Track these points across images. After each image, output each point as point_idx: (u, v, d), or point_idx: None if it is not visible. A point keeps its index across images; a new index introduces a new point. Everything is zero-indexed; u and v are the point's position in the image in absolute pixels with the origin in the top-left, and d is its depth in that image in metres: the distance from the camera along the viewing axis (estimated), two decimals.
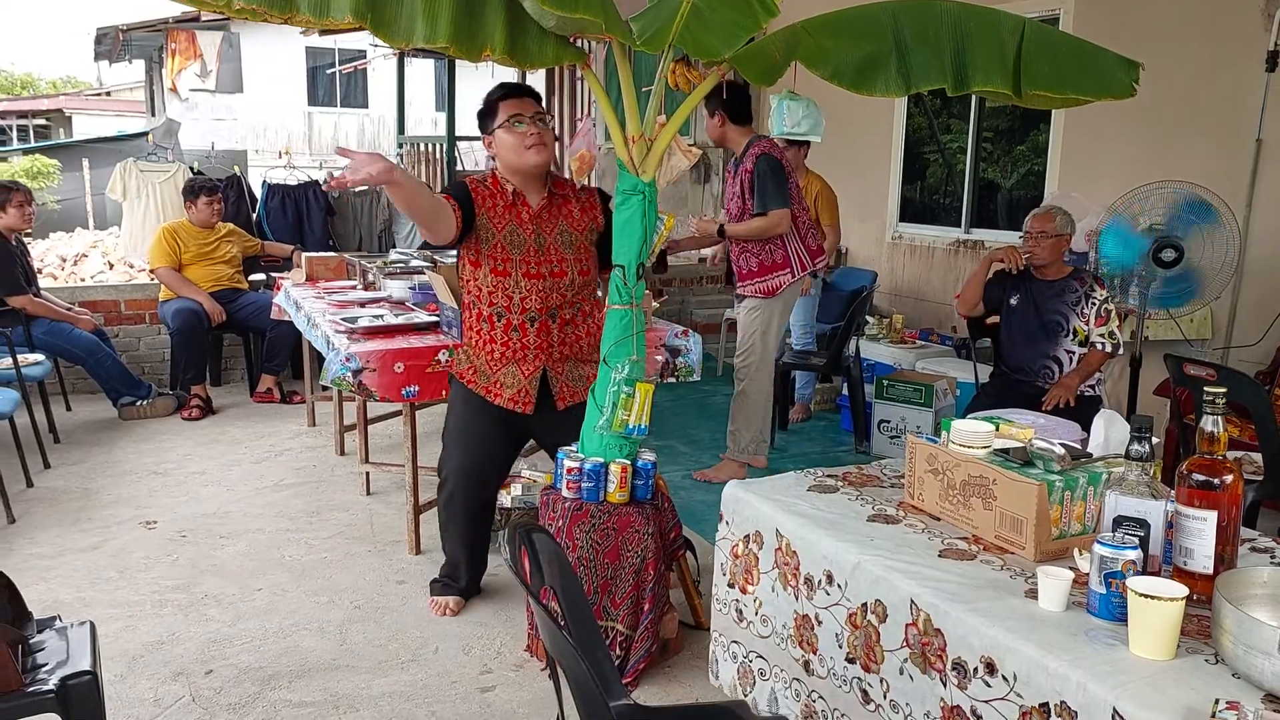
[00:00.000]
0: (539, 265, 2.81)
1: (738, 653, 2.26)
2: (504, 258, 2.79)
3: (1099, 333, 3.66)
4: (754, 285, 4.20)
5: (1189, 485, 1.61)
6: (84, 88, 28.84)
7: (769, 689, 2.15)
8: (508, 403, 2.85)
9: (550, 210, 2.84)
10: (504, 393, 2.86)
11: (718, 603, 2.31)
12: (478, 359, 2.89)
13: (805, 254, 4.22)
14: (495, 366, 2.86)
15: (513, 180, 2.81)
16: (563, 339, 2.87)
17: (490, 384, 2.87)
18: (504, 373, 2.86)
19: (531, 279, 2.81)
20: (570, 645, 1.40)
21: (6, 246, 4.86)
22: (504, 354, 2.85)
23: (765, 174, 4.05)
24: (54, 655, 1.92)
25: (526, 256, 2.80)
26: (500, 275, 2.79)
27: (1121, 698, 1.35)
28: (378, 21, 2.28)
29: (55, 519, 3.77)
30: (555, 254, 2.83)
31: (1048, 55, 2.58)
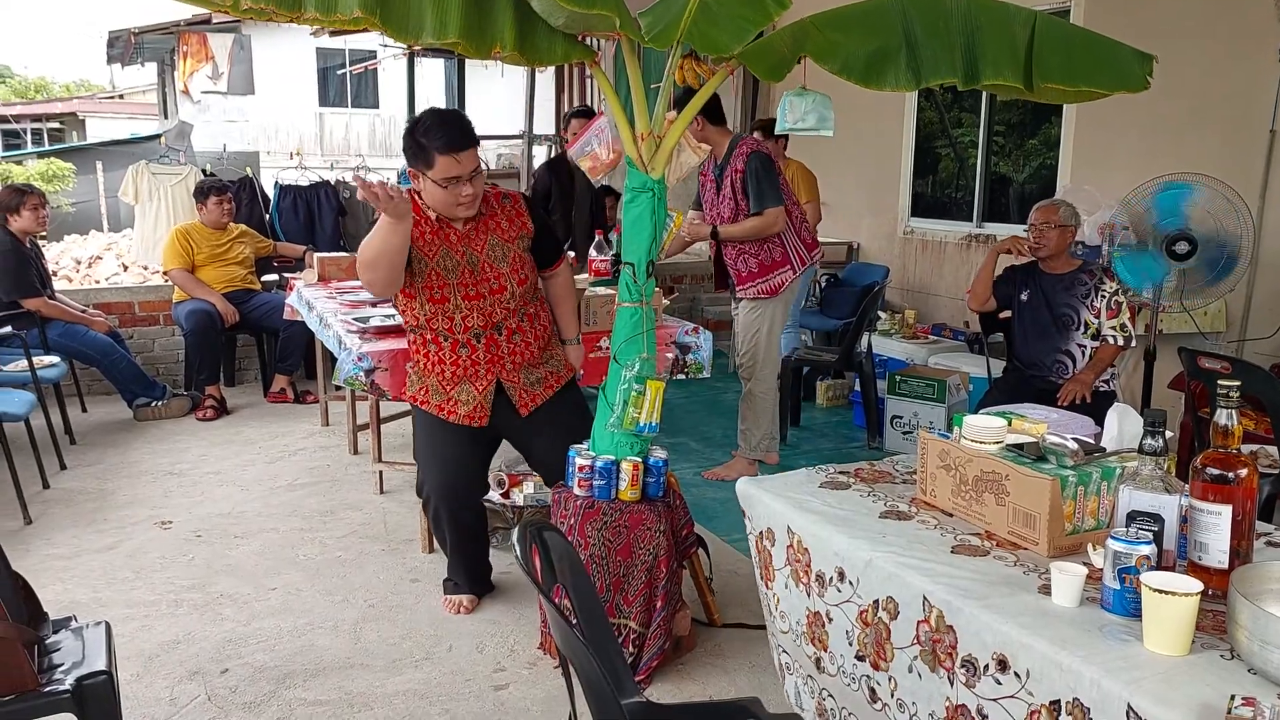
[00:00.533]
0: (476, 285, 2.74)
1: (774, 643, 2.26)
2: (439, 284, 2.72)
3: (1110, 326, 3.63)
4: (756, 286, 4.15)
5: (1203, 479, 1.59)
6: (97, 91, 29.03)
7: (793, 683, 2.15)
8: (463, 419, 2.82)
9: (477, 229, 2.75)
10: (459, 410, 2.82)
11: (760, 593, 2.31)
12: (429, 379, 2.84)
13: (803, 248, 4.18)
14: (449, 385, 2.82)
15: (436, 210, 2.71)
16: (512, 349, 2.83)
17: (444, 402, 2.83)
18: (458, 390, 2.82)
19: (470, 300, 2.75)
20: (582, 643, 1.40)
21: (21, 249, 4.90)
22: (455, 373, 2.81)
23: (758, 172, 3.99)
24: (70, 655, 1.94)
25: (463, 279, 2.73)
26: (438, 303, 2.73)
27: (1136, 694, 1.34)
28: (387, 18, 2.28)
29: (71, 520, 3.80)
30: (490, 270, 2.75)
31: (1060, 48, 2.56)
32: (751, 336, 4.19)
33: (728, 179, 4.07)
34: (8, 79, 36.46)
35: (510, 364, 2.83)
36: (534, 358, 2.88)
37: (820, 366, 5.41)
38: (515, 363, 2.84)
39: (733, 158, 4.05)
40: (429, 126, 2.60)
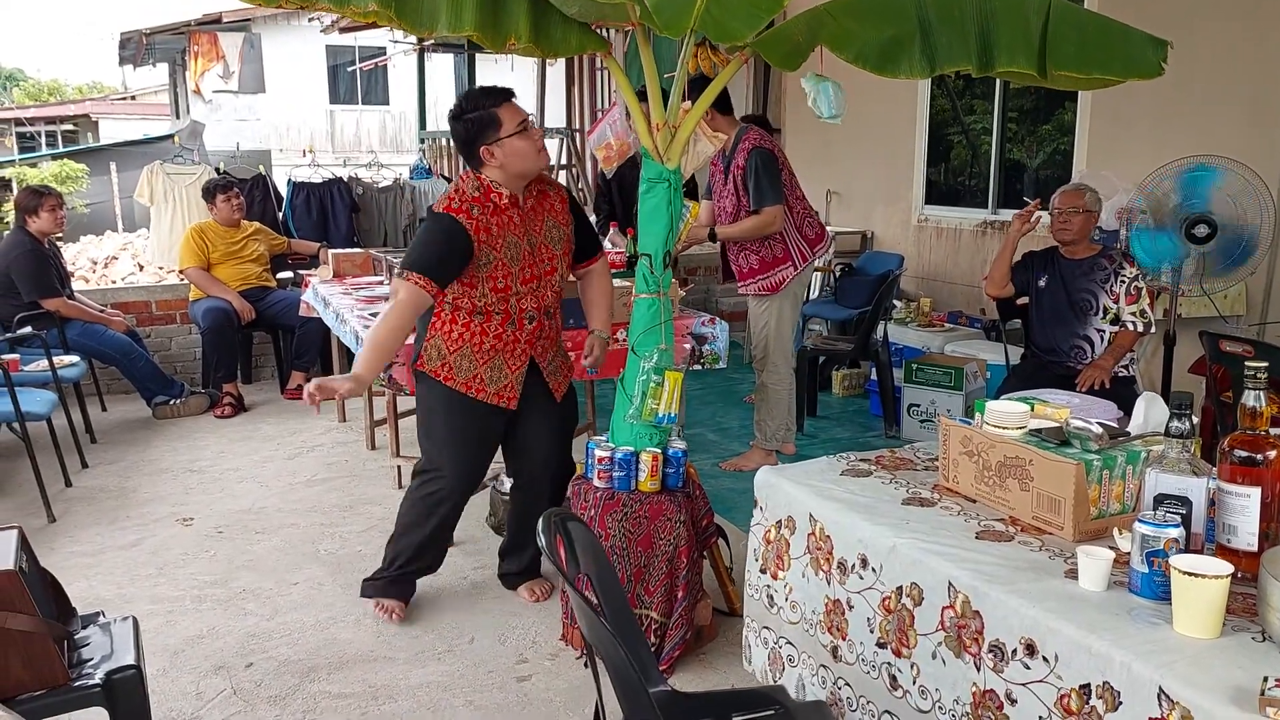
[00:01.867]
0: (533, 267, 2.74)
1: (768, 638, 2.25)
2: (504, 274, 2.70)
3: (1130, 311, 3.61)
4: (757, 283, 4.12)
5: (1231, 462, 1.58)
6: (109, 92, 29.20)
7: (796, 675, 2.14)
8: (492, 398, 2.76)
9: (537, 208, 2.77)
10: (488, 388, 2.75)
11: (750, 588, 2.31)
12: (459, 352, 2.75)
13: (804, 244, 4.13)
14: (480, 360, 2.75)
15: (509, 187, 2.70)
16: (550, 334, 2.86)
17: (471, 379, 2.75)
18: (488, 367, 2.75)
19: (528, 283, 2.74)
20: (609, 633, 1.41)
21: (40, 250, 4.93)
22: (493, 347, 2.75)
23: (759, 170, 3.94)
24: (99, 650, 1.96)
25: (523, 264, 2.72)
26: (501, 291, 2.71)
27: (1168, 677, 1.33)
28: (401, 10, 2.28)
29: (94, 517, 3.83)
30: (546, 252, 2.77)
31: (1074, 35, 2.53)
32: (761, 330, 4.18)
33: (731, 173, 4.05)
34: (21, 82, 36.70)
35: (543, 346, 2.84)
36: (556, 344, 2.92)
37: (836, 356, 5.39)
38: (546, 346, 2.86)
39: (736, 152, 4.02)
40: (474, 97, 2.65)
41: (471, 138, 2.64)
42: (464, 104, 2.65)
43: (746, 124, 4.15)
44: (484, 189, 2.68)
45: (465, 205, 2.65)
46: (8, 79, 37.33)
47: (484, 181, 2.68)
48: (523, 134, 2.63)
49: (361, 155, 14.94)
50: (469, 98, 2.67)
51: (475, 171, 2.70)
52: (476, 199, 2.66)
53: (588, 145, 9.75)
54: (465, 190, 2.68)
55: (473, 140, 2.64)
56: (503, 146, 2.62)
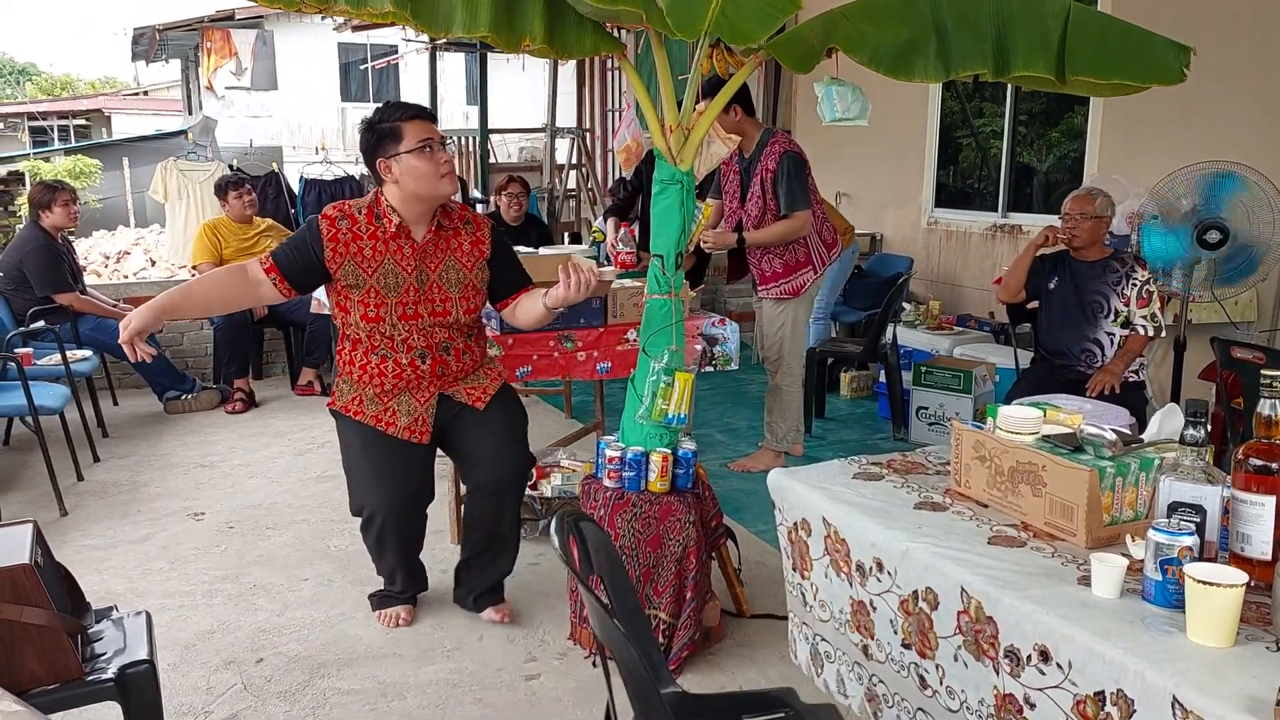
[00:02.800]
0: (417, 305, 2.60)
1: (808, 635, 2.26)
2: (376, 303, 2.57)
3: (1141, 315, 3.60)
4: (779, 287, 4.11)
5: (1246, 470, 1.58)
6: (122, 88, 29.30)
7: (835, 671, 2.15)
8: (403, 432, 2.66)
9: (437, 245, 2.63)
10: (398, 421, 2.66)
11: (788, 585, 2.30)
12: (364, 390, 2.67)
13: (824, 248, 4.14)
14: (387, 396, 2.66)
15: (402, 211, 2.57)
16: (460, 366, 2.72)
17: (381, 412, 2.66)
18: (396, 401, 2.66)
19: (409, 320, 2.60)
20: (621, 633, 1.41)
21: (53, 245, 4.96)
22: (395, 385, 2.65)
23: (790, 174, 3.94)
24: (112, 644, 1.96)
25: (403, 298, 2.58)
26: (372, 321, 2.59)
27: (1182, 685, 1.33)
28: (417, 11, 2.29)
29: (106, 511, 3.85)
30: (439, 292, 2.62)
31: (1093, 39, 2.52)
32: (776, 332, 4.17)
33: (757, 176, 4.02)
34: (34, 76, 36.88)
35: (453, 378, 2.72)
36: (473, 369, 2.78)
37: (845, 358, 5.39)
38: (457, 377, 2.73)
39: (764, 155, 3.99)
40: (389, 108, 2.59)
41: (371, 149, 2.57)
42: (375, 115, 2.60)
43: (774, 130, 4.14)
44: (374, 209, 2.59)
45: (339, 214, 2.58)
46: (21, 73, 37.51)
47: (380, 202, 2.59)
48: (422, 153, 2.51)
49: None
50: (384, 108, 2.60)
51: (378, 190, 2.62)
52: (354, 216, 2.58)
53: (598, 146, 9.78)
54: (353, 204, 2.63)
55: (371, 151, 2.57)
56: (399, 162, 2.53)
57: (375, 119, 2.57)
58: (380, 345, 2.63)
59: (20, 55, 50.25)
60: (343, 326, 2.69)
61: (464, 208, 2.76)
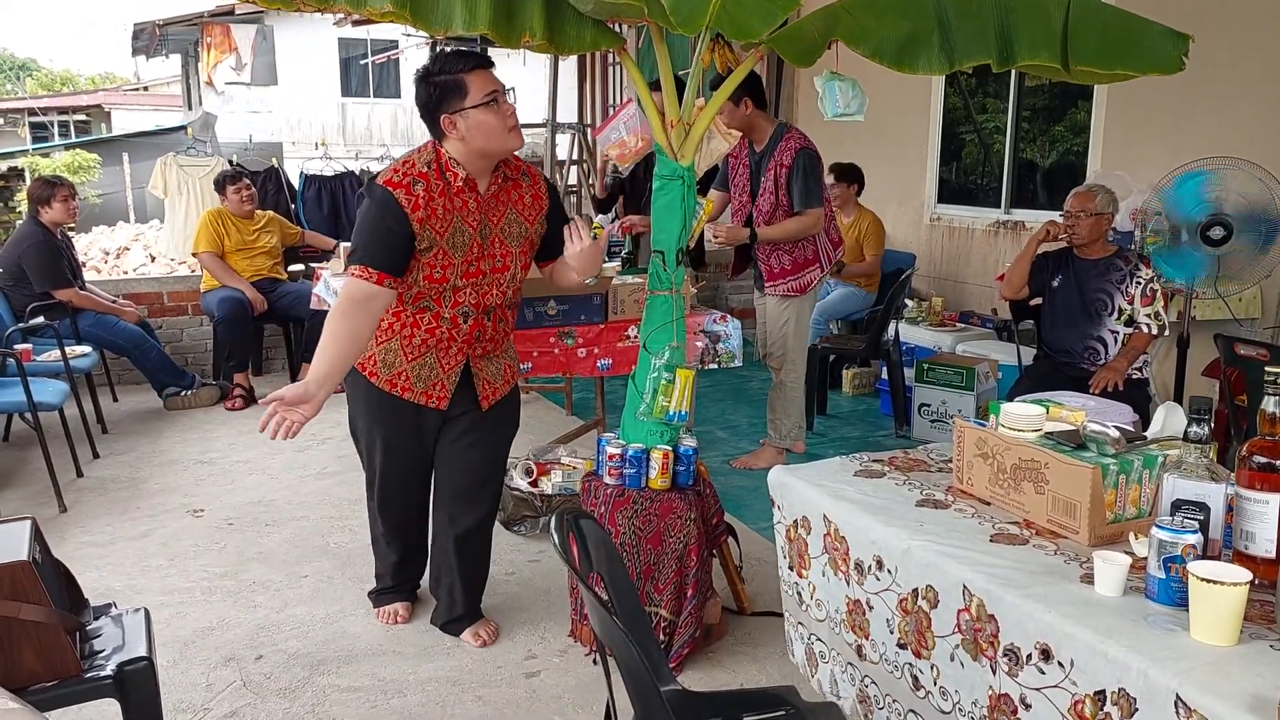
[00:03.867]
0: (480, 262, 2.49)
1: (803, 634, 2.25)
2: (443, 264, 2.44)
3: (1145, 313, 3.59)
4: (787, 284, 4.10)
5: (1250, 468, 1.57)
6: (122, 83, 29.29)
7: (829, 671, 2.14)
8: (420, 397, 2.55)
9: (500, 196, 2.51)
10: (415, 387, 2.54)
11: (783, 584, 2.29)
12: (381, 347, 2.53)
13: (830, 247, 4.14)
14: (410, 355, 2.52)
15: (467, 166, 2.43)
16: (493, 335, 2.60)
17: (395, 377, 2.54)
18: (417, 364, 2.53)
19: (470, 278, 2.49)
20: (621, 631, 1.40)
21: (53, 241, 4.95)
22: (424, 341, 2.52)
23: (807, 171, 3.92)
24: (110, 641, 1.96)
25: (468, 255, 2.46)
26: (436, 281, 2.46)
27: (1185, 684, 1.32)
28: (416, 10, 2.28)
29: (105, 508, 3.84)
30: (500, 247, 2.52)
31: (1095, 29, 2.52)
32: (780, 329, 4.16)
33: (770, 171, 3.99)
34: (34, 72, 36.86)
35: (481, 349, 2.59)
36: (500, 349, 2.68)
37: (847, 354, 5.38)
38: (486, 349, 2.61)
39: (778, 150, 3.97)
40: (445, 59, 2.40)
41: (434, 103, 2.39)
42: (432, 66, 2.41)
43: (788, 125, 4.11)
44: (439, 164, 2.43)
45: (408, 179, 2.38)
46: (20, 69, 37.51)
47: (441, 156, 2.43)
48: (490, 106, 2.37)
49: (373, 148, 14.95)
50: (440, 59, 2.42)
51: (436, 143, 2.46)
52: (424, 175, 2.40)
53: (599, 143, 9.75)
54: (415, 162, 2.42)
55: (434, 107, 2.39)
56: (466, 118, 2.37)
57: (434, 70, 2.39)
58: (425, 298, 2.48)
59: (20, 51, 50.26)
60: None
61: (518, 159, 2.62)
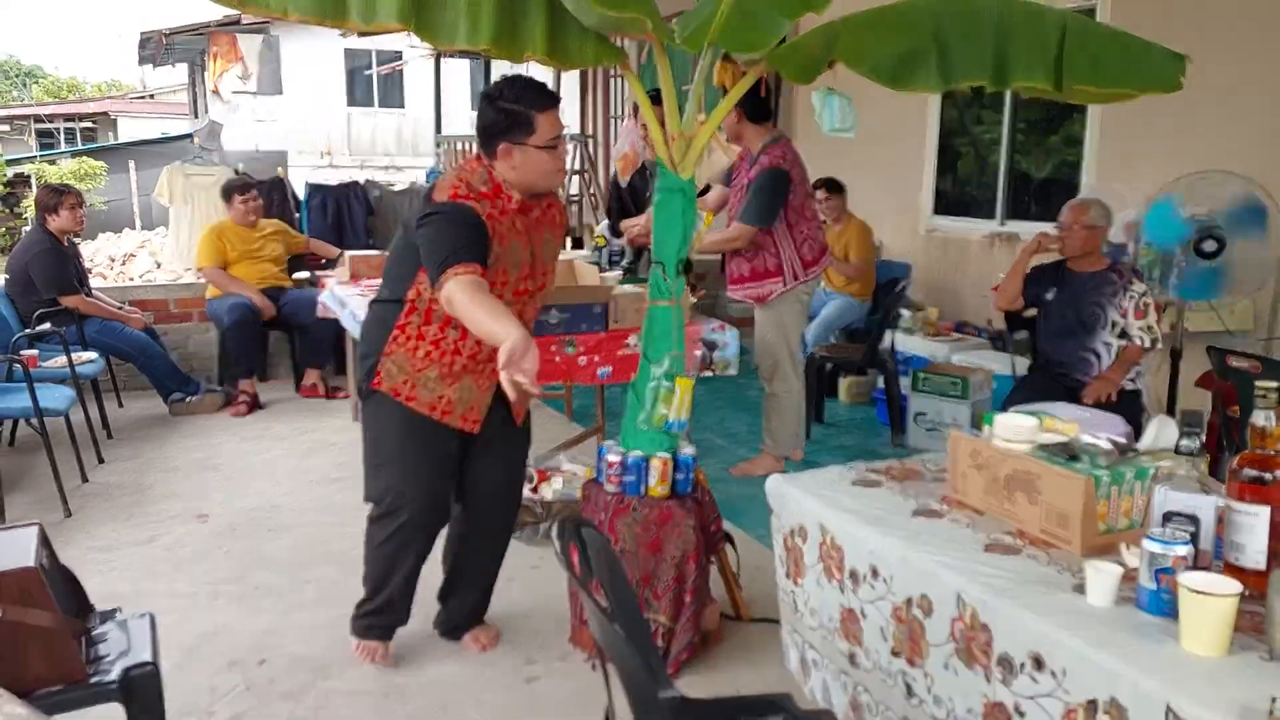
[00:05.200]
0: (529, 280, 2.51)
1: (798, 641, 2.28)
2: (502, 280, 2.42)
3: (1138, 327, 3.62)
4: (744, 290, 4.13)
5: (1240, 480, 1.59)
6: (128, 91, 29.42)
7: (821, 679, 2.17)
8: (457, 421, 2.51)
9: (539, 219, 2.53)
10: (454, 410, 2.49)
11: (780, 591, 2.32)
12: (424, 371, 2.47)
13: (799, 264, 4.09)
14: (450, 380, 2.48)
15: (518, 190, 2.44)
16: None
17: (436, 400, 2.48)
18: (455, 389, 2.48)
19: (519, 295, 2.49)
20: (621, 637, 1.43)
21: (59, 248, 4.99)
22: (464, 367, 2.48)
23: (761, 188, 3.93)
24: (116, 646, 1.98)
25: (521, 273, 2.47)
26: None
27: (1176, 694, 1.34)
28: (422, 24, 2.32)
29: (110, 513, 3.87)
30: (541, 266, 2.54)
31: (1091, 49, 2.55)
32: (764, 337, 4.19)
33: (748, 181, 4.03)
34: (40, 79, 37.02)
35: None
36: None
37: (844, 363, 5.41)
38: None
39: (758, 160, 3.99)
40: (520, 89, 2.37)
41: (498, 130, 2.36)
42: (506, 89, 2.37)
43: (779, 138, 4.07)
44: (493, 184, 2.41)
45: (473, 195, 2.36)
46: (27, 75, 37.67)
47: (494, 177, 2.41)
48: (551, 150, 2.41)
49: (378, 158, 15.02)
50: (514, 85, 2.38)
51: (486, 162, 2.43)
52: (485, 194, 2.38)
53: (601, 153, 9.81)
54: (471, 182, 2.39)
55: (498, 132, 2.37)
56: (525, 153, 2.37)
57: (507, 98, 2.35)
58: None
59: (27, 58, 50.47)
60: (417, 303, 2.43)
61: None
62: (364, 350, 2.55)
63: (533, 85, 2.41)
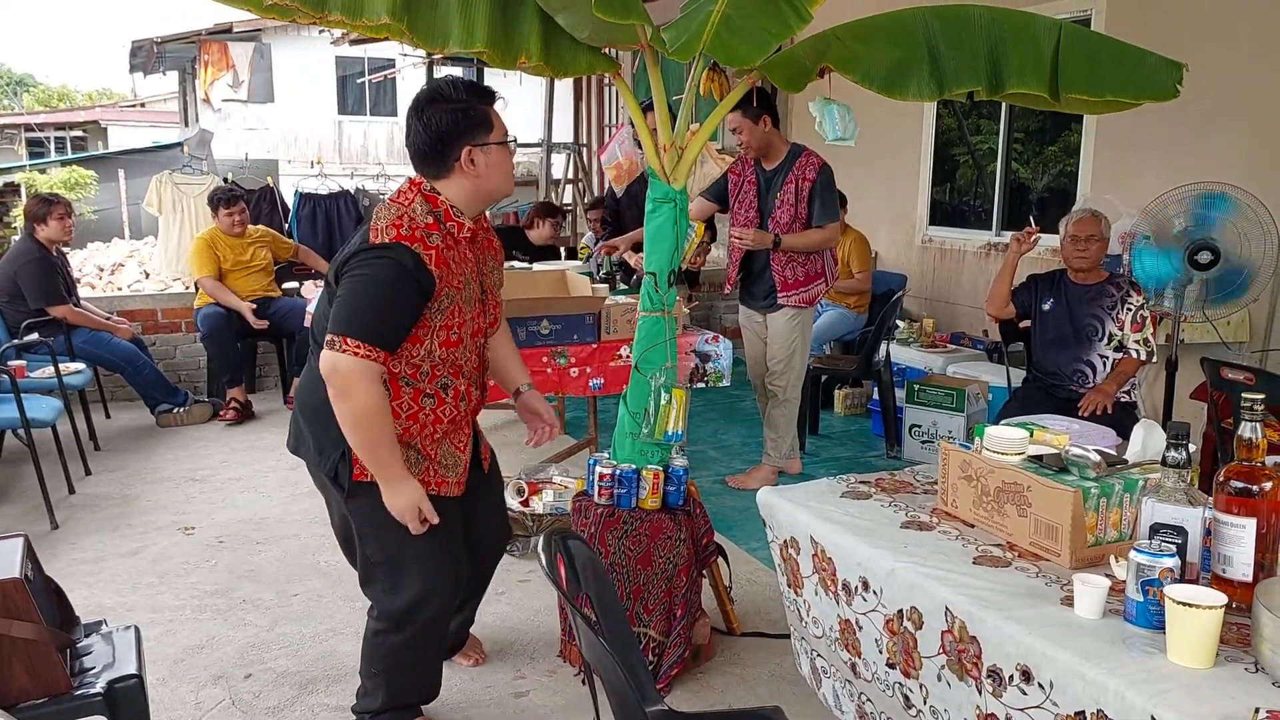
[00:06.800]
0: (479, 319, 2.22)
1: (806, 649, 2.28)
2: (458, 322, 2.14)
3: (1135, 339, 3.62)
4: (797, 295, 4.15)
5: (1228, 492, 1.59)
6: (119, 99, 29.36)
7: (831, 686, 2.17)
8: (453, 488, 2.25)
9: (484, 245, 2.27)
10: (448, 478, 2.24)
11: (785, 600, 2.31)
12: (409, 447, 2.17)
13: (834, 265, 4.26)
14: (433, 448, 2.21)
15: (467, 211, 2.15)
16: (484, 397, 2.37)
17: (425, 474, 2.20)
18: (443, 454, 2.23)
19: (474, 336, 2.22)
20: (608, 651, 1.42)
21: (47, 258, 4.96)
22: (445, 432, 2.22)
23: (829, 186, 4.06)
24: (101, 659, 1.96)
25: (474, 310, 2.19)
26: (452, 345, 2.15)
27: (1160, 706, 1.34)
28: (414, 25, 2.31)
29: (97, 525, 3.84)
30: (492, 298, 2.29)
31: (1085, 58, 2.56)
32: (789, 345, 4.19)
33: (791, 184, 4.05)
34: (31, 87, 36.95)
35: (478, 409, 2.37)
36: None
37: (839, 375, 5.41)
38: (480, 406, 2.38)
39: (797, 165, 4.05)
40: (462, 86, 2.12)
41: (455, 131, 2.08)
42: (447, 89, 2.10)
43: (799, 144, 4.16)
44: (439, 213, 2.11)
45: (418, 231, 2.04)
46: (17, 84, 37.60)
47: (439, 204, 2.11)
48: (506, 147, 2.17)
49: (369, 166, 15.01)
50: (453, 85, 2.11)
51: (428, 187, 2.13)
52: (432, 226, 2.08)
53: (595, 162, 9.82)
54: (412, 215, 2.07)
55: (455, 135, 2.08)
56: (488, 154, 2.11)
57: (454, 98, 2.09)
58: (440, 376, 2.18)
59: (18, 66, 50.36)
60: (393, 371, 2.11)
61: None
62: (322, 440, 2.18)
63: (470, 82, 2.17)
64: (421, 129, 2.09)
